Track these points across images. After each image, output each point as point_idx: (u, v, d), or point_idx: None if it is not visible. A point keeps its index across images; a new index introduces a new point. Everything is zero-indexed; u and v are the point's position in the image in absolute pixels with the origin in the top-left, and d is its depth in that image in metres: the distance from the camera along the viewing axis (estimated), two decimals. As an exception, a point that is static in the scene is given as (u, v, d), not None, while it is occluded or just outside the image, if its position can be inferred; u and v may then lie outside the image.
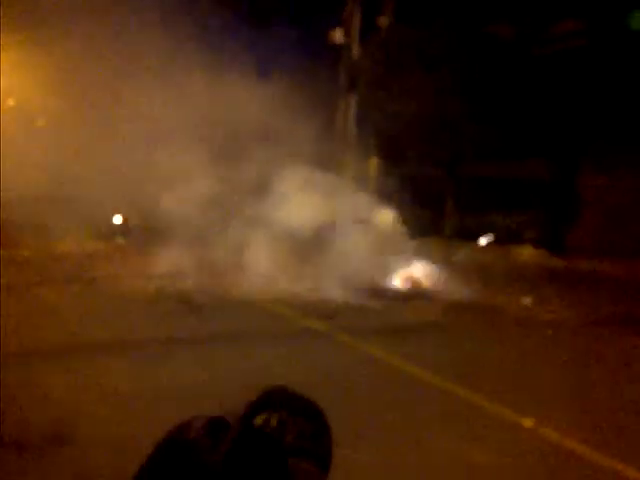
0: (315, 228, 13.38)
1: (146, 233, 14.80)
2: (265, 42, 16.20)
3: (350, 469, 4.58)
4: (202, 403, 5.57)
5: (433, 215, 18.50)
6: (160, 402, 5.66)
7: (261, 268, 12.72)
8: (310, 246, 12.99)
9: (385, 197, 18.78)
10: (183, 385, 6.12)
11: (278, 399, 1.44)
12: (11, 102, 23.44)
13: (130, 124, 15.81)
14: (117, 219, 15.63)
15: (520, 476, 4.63)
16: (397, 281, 12.00)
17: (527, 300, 10.85)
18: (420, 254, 12.73)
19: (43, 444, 4.73)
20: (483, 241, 16.51)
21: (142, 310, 9.24)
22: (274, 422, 1.35)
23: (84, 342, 7.50)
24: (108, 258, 13.10)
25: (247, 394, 4.42)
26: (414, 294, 11.25)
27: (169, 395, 5.85)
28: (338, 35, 18.86)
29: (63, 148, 14.73)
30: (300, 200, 13.70)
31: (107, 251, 13.84)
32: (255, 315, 9.42)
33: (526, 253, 16.54)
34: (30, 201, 15.99)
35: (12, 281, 10.65)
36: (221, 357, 7.17)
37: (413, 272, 12.25)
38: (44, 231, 14.91)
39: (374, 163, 19.57)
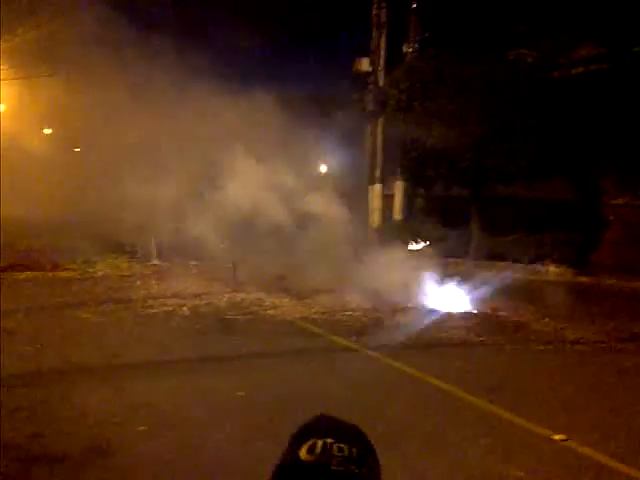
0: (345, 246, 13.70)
1: (180, 253, 15.18)
2: (294, 69, 16.59)
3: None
4: (239, 420, 5.85)
5: (458, 236, 18.66)
6: (196, 418, 5.92)
7: (291, 284, 13.01)
8: (341, 262, 13.27)
9: (411, 218, 19.06)
10: (219, 402, 6.38)
11: (321, 426, 1.46)
12: (47, 130, 24.13)
13: (162, 149, 16.25)
14: (151, 241, 15.96)
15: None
16: (423, 297, 12.17)
17: (554, 318, 10.98)
18: (447, 273, 12.92)
19: (83, 457, 4.98)
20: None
21: (178, 330, 9.53)
22: (319, 449, 1.36)
23: (123, 361, 7.80)
24: (144, 279, 13.41)
25: (282, 409, 4.76)
26: (440, 310, 11.42)
27: (205, 412, 6.11)
28: (364, 63, 19.32)
29: (97, 173, 15.18)
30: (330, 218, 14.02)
31: (143, 272, 14.15)
32: (286, 332, 9.66)
33: (551, 272, 16.67)
34: (66, 224, 16.47)
35: (51, 302, 11.02)
36: (255, 374, 7.42)
37: (439, 289, 12.44)
38: (82, 254, 15.36)
39: (400, 185, 19.85)
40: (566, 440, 5.57)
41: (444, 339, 9.50)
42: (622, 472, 5.04)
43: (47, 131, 26.46)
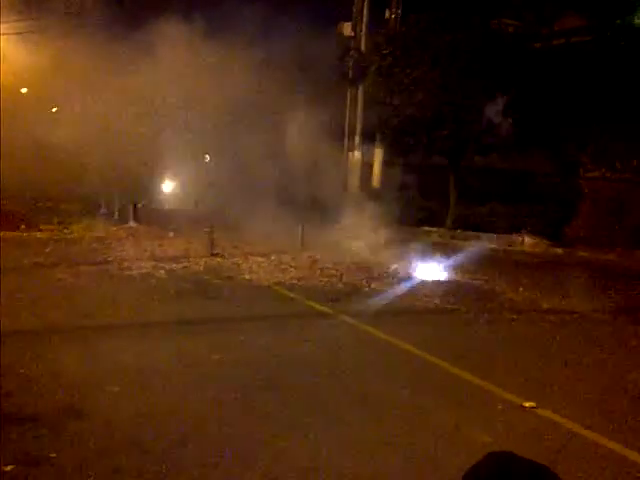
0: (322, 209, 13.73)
1: (158, 216, 15.12)
2: (274, 31, 16.40)
3: (356, 443, 4.89)
4: (211, 382, 5.87)
5: (436, 205, 18.75)
6: (171, 380, 5.94)
7: (267, 249, 13.04)
8: (318, 229, 13.30)
9: (389, 186, 19.04)
10: (194, 365, 6.39)
11: (515, 471, 1.46)
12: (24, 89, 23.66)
13: (146, 108, 16.06)
14: (129, 202, 15.85)
15: (521, 454, 4.85)
16: (399, 266, 12.26)
17: (528, 288, 11.10)
18: (423, 242, 13.00)
19: (58, 418, 4.96)
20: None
21: (154, 292, 9.50)
22: None
23: (97, 322, 7.77)
24: (121, 241, 13.33)
25: (256, 373, 4.75)
26: (414, 278, 11.50)
27: (179, 374, 6.13)
28: (347, 28, 19.16)
29: (77, 133, 15.00)
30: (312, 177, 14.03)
31: (120, 234, 14.06)
32: (263, 297, 9.69)
33: (526, 242, 16.84)
34: (44, 186, 16.33)
35: (26, 262, 10.93)
36: (230, 338, 7.42)
37: (415, 258, 12.53)
38: (58, 214, 15.23)
39: (379, 153, 19.81)
40: (536, 408, 5.65)
41: (418, 306, 9.58)
42: (590, 439, 5.13)
43: (23, 90, 25.99)
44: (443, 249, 13.65)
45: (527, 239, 16.96)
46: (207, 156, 16.69)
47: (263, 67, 15.40)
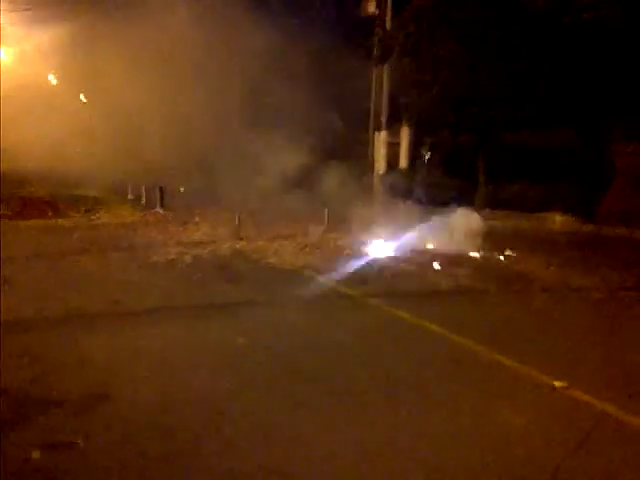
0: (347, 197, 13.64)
1: (185, 201, 15.14)
2: (300, 12, 16.31)
3: (385, 426, 4.81)
4: (238, 367, 5.84)
5: (464, 184, 18.53)
6: (196, 365, 5.91)
7: (293, 231, 13.00)
8: (346, 210, 13.23)
9: (417, 166, 18.88)
10: (220, 349, 6.36)
11: None
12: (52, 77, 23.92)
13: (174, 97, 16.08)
14: (156, 189, 15.89)
15: (552, 435, 4.77)
16: (426, 246, 12.15)
17: (559, 266, 10.93)
18: (451, 221, 12.84)
19: (84, 403, 4.97)
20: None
21: (179, 277, 9.50)
22: None
23: (124, 308, 7.78)
24: (147, 227, 13.36)
25: (282, 356, 4.71)
26: (445, 256, 11.37)
27: (205, 358, 6.10)
28: (371, 5, 18.91)
29: (104, 122, 15.10)
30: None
31: (146, 220, 14.09)
32: (288, 280, 9.63)
33: (557, 220, 16.58)
34: (70, 173, 16.45)
35: (53, 250, 10.99)
36: (257, 322, 7.39)
37: (442, 238, 12.42)
38: (85, 201, 15.33)
39: (406, 132, 19.61)
40: (568, 388, 5.54)
41: (447, 287, 9.45)
42: (622, 419, 5.02)
43: (52, 78, 26.25)
44: (472, 227, 13.46)
45: (558, 217, 16.70)
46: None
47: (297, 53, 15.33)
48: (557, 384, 5.61)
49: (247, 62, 15.50)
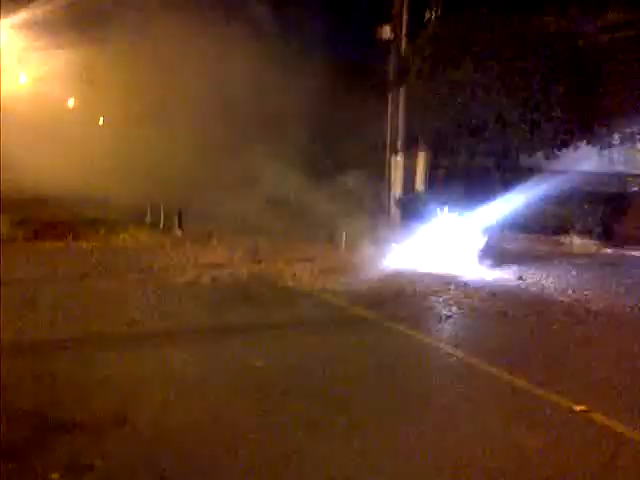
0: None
1: (202, 224, 15.19)
2: (315, 36, 16.44)
3: (401, 448, 4.79)
4: (257, 390, 5.84)
5: (481, 206, 18.48)
6: (215, 387, 5.92)
7: (311, 254, 13.03)
8: (364, 233, 13.25)
9: (433, 189, 18.89)
10: (238, 373, 6.37)
11: None
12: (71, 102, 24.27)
13: (187, 121, 16.25)
14: (175, 211, 15.97)
15: (571, 459, 4.73)
16: (443, 268, 12.13)
17: (578, 289, 10.88)
18: (470, 243, 12.84)
19: (104, 425, 4.98)
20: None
21: (198, 300, 9.52)
22: None
23: (143, 330, 7.81)
24: (165, 249, 13.41)
25: (299, 380, 4.71)
26: (463, 279, 11.35)
27: (223, 381, 6.11)
28: (386, 30, 19.06)
29: (121, 145, 15.26)
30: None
31: (164, 243, 14.15)
32: (306, 303, 9.63)
33: (575, 243, 16.51)
34: (90, 196, 16.58)
35: (72, 272, 11.06)
36: (275, 344, 7.39)
37: (459, 261, 12.41)
38: (104, 224, 15.42)
39: (423, 155, 19.67)
40: (588, 412, 5.50)
41: (465, 309, 9.42)
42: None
43: (70, 103, 26.59)
44: (489, 252, 13.44)
45: (575, 239, 16.62)
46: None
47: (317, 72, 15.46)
48: (577, 407, 5.57)
49: (263, 85, 15.64)
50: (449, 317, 9.00)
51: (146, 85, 16.27)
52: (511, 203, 17.73)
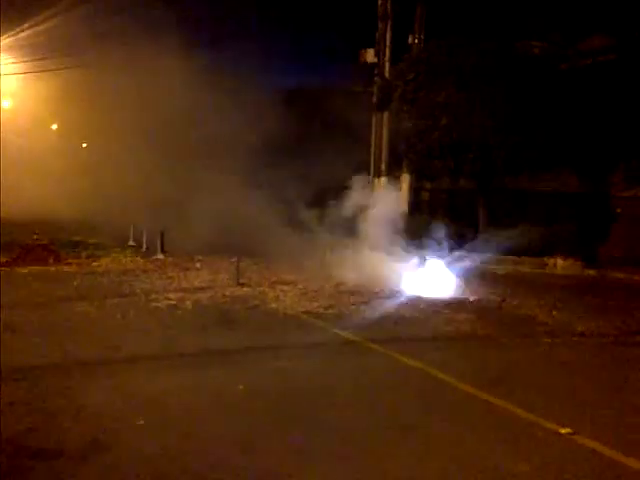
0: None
1: (185, 245, 15.15)
2: (299, 59, 16.54)
3: (387, 473, 4.72)
4: (238, 414, 5.76)
5: (465, 229, 18.53)
6: (197, 412, 5.82)
7: (294, 276, 13.00)
8: (346, 255, 13.24)
9: (417, 212, 18.92)
10: (219, 396, 6.27)
11: None
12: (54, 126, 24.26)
13: (165, 143, 16.27)
14: (156, 235, 15.91)
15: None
16: (428, 291, 12.12)
17: (562, 311, 10.88)
18: (454, 266, 12.85)
19: (83, 452, 4.87)
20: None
21: (180, 323, 9.43)
22: None
23: (124, 355, 7.69)
24: (148, 273, 13.34)
25: (282, 403, 4.62)
26: (446, 302, 11.33)
27: (205, 406, 6.01)
28: (370, 54, 19.22)
29: (104, 169, 15.23)
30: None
31: (147, 266, 14.08)
32: (290, 326, 9.56)
33: (559, 265, 16.56)
34: (72, 220, 16.51)
35: (53, 296, 10.94)
36: (257, 369, 7.31)
37: (445, 283, 12.41)
38: (86, 247, 15.33)
39: (406, 178, 19.73)
40: (573, 434, 5.46)
41: (449, 332, 9.39)
42: (630, 466, 4.93)
43: (54, 127, 26.59)
44: (474, 273, 13.46)
45: (560, 261, 16.68)
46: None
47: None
48: (562, 430, 5.52)
49: (241, 110, 15.69)
50: (435, 339, 8.97)
51: (123, 111, 16.34)
52: (495, 225, 17.81)
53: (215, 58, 15.59)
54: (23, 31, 20.75)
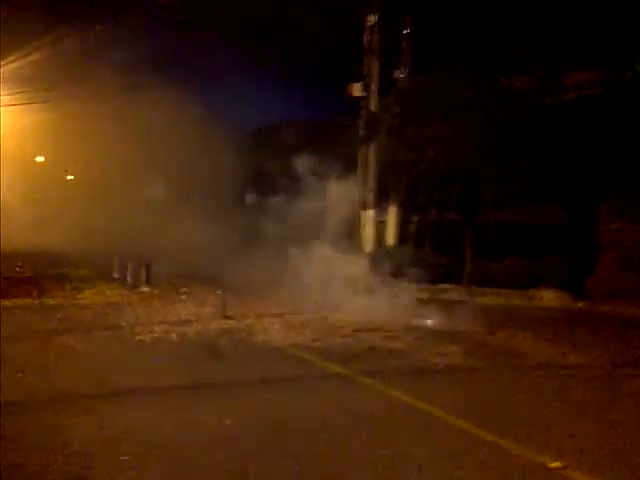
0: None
1: (170, 278, 15.10)
2: (286, 94, 16.69)
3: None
4: (224, 449, 5.66)
5: (452, 261, 18.57)
6: (182, 447, 5.72)
7: (281, 309, 12.94)
8: (334, 288, 13.21)
9: (404, 244, 18.93)
10: (205, 431, 6.17)
11: None
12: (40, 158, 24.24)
13: (149, 179, 16.34)
14: (141, 268, 15.85)
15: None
16: (415, 324, 12.10)
17: (550, 343, 10.86)
18: (440, 299, 12.85)
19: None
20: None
21: (165, 357, 9.33)
22: None
23: (108, 389, 7.58)
24: (132, 306, 13.24)
25: (269, 438, 4.55)
26: (434, 335, 11.29)
27: (191, 440, 5.90)
28: (357, 88, 19.38)
29: (89, 202, 15.22)
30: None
31: (131, 299, 13.97)
32: (277, 359, 9.47)
33: (546, 297, 16.57)
34: (58, 253, 16.43)
35: (37, 329, 10.82)
36: (244, 402, 7.21)
37: (432, 316, 12.40)
38: (70, 280, 15.22)
39: (394, 211, 19.78)
40: (563, 468, 5.40)
41: (439, 365, 9.32)
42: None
43: (39, 159, 26.56)
44: (460, 306, 13.44)
45: (546, 293, 16.70)
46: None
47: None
48: (552, 464, 5.46)
49: (225, 146, 15.82)
50: (422, 372, 8.90)
51: (107, 144, 16.45)
52: (481, 257, 17.86)
53: (198, 92, 15.65)
54: (7, 64, 20.80)
